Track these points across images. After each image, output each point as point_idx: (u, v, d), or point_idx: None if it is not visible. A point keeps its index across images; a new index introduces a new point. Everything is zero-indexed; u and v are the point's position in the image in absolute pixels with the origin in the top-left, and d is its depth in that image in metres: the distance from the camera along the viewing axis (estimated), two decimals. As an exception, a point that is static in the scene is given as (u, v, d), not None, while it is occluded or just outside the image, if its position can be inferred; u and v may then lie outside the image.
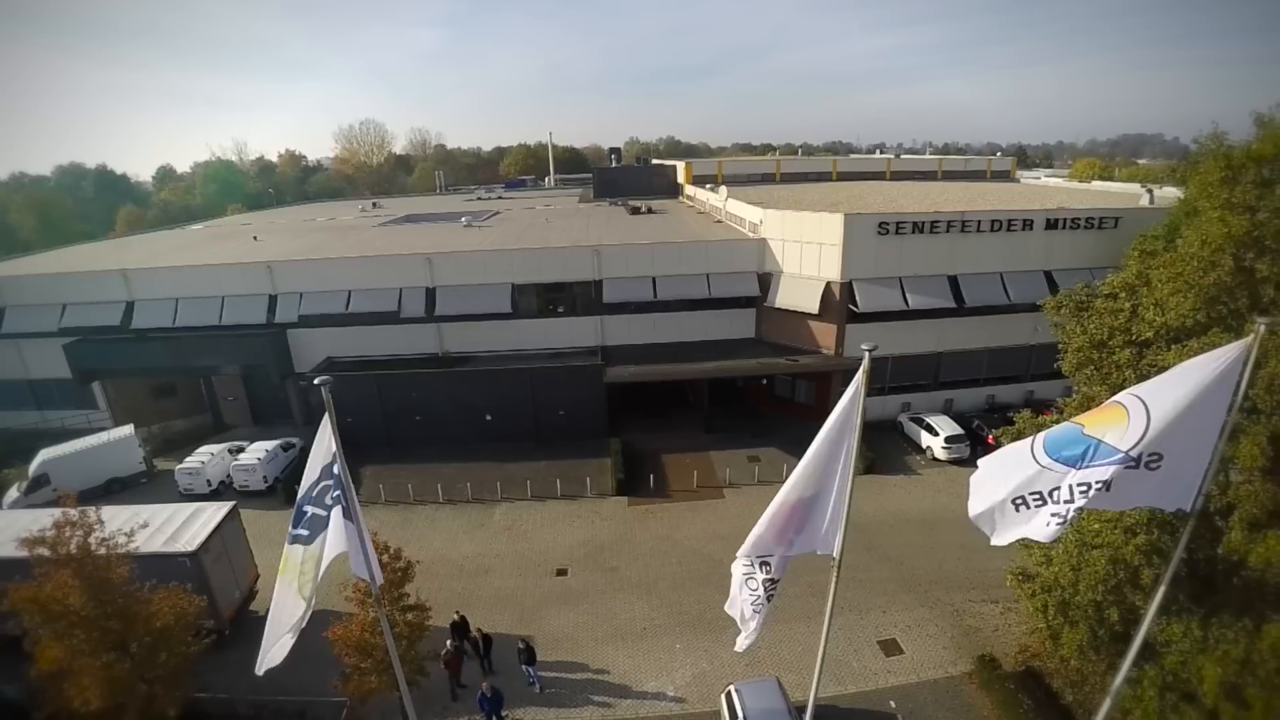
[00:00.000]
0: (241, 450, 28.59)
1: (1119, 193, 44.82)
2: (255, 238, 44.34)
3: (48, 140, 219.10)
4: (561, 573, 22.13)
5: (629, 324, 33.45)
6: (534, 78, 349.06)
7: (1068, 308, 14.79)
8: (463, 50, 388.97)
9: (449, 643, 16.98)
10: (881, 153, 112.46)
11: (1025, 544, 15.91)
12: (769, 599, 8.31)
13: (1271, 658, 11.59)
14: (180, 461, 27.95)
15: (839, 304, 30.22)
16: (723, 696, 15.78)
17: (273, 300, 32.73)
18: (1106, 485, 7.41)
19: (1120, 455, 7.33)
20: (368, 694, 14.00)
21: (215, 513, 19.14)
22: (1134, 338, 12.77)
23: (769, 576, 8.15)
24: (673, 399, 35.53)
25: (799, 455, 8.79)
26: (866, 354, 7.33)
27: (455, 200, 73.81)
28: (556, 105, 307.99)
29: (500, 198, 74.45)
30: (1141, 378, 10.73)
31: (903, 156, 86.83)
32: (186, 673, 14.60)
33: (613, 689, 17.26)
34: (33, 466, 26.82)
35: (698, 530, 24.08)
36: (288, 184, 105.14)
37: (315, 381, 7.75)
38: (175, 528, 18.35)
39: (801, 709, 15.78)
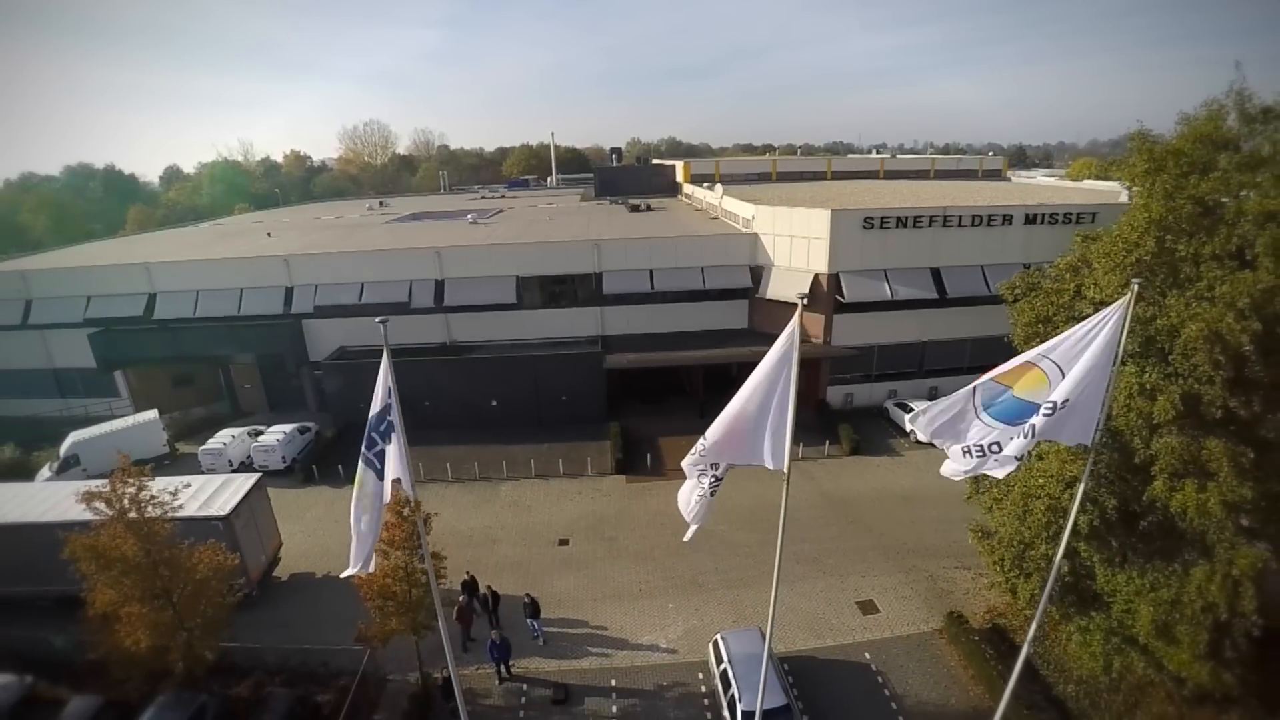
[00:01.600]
0: (261, 433, 30.16)
1: (1101, 189, 46.25)
2: (269, 234, 45.92)
3: (48, 140, 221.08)
4: (564, 542, 23.63)
5: (627, 315, 35.01)
6: (536, 78, 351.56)
7: (1020, 289, 16.31)
8: (465, 50, 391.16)
9: (460, 598, 18.51)
10: (879, 153, 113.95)
11: (986, 506, 17.47)
12: (712, 494, 9.94)
13: (1197, 597, 13.08)
14: (203, 444, 29.51)
15: (827, 295, 31.71)
16: (710, 645, 17.28)
17: (289, 292, 34.34)
18: (1032, 430, 9.16)
19: (1046, 405, 9.05)
20: (389, 635, 15.51)
21: (244, 482, 20.71)
22: (1075, 314, 14.25)
23: (716, 476, 9.75)
24: (669, 386, 36.97)
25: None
26: (800, 301, 8.93)
27: (460, 199, 75.43)
28: (558, 105, 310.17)
29: (504, 197, 76.05)
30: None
31: (898, 156, 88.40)
32: (222, 621, 16.09)
33: (611, 642, 18.77)
34: (63, 448, 28.43)
35: (691, 505, 25.51)
36: (293, 184, 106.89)
37: (376, 321, 9.30)
38: (208, 495, 19.91)
39: (782, 657, 17.36)
